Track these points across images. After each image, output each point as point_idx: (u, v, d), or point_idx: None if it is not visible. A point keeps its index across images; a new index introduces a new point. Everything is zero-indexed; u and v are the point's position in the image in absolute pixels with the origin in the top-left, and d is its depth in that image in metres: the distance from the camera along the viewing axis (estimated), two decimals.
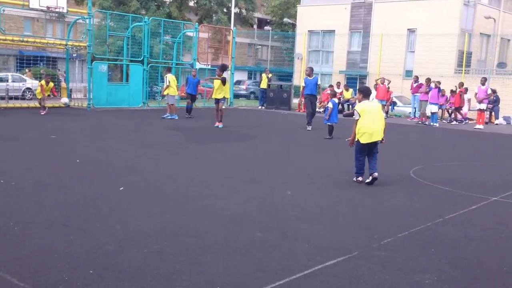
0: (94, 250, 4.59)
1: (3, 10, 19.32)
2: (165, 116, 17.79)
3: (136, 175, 8.04)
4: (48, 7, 18.45)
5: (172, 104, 17.97)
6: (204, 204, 6.39)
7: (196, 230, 5.32)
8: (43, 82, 17.79)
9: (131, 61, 23.20)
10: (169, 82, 17.82)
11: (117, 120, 16.99)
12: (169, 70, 19.18)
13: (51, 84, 18.00)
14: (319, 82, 16.22)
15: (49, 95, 18.28)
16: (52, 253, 4.47)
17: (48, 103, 20.05)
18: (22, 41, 21.28)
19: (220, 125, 15.35)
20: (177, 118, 17.60)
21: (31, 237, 4.90)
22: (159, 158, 9.91)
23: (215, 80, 15.50)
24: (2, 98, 20.92)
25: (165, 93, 18.07)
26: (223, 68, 15.84)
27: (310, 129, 15.46)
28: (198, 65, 24.21)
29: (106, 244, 4.75)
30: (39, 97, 17.63)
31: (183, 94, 27.59)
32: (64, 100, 17.52)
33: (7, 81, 25.25)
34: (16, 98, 21.85)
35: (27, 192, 6.72)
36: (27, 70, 28.80)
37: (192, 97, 18.87)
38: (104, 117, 17.48)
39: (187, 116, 18.27)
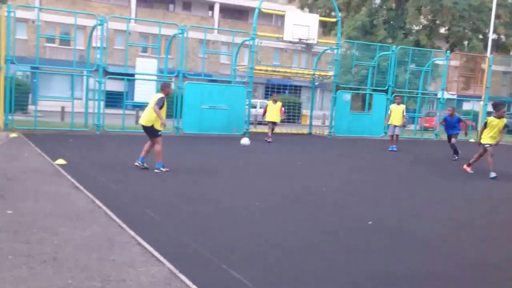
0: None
1: (260, 43, 21.00)
2: (390, 148, 16.49)
3: (382, 207, 7.59)
4: (300, 39, 19.40)
5: (390, 135, 16.65)
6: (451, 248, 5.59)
7: (439, 274, 4.61)
8: (270, 101, 17.75)
9: (374, 90, 22.97)
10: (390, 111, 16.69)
11: (355, 148, 16.84)
12: (399, 98, 17.23)
13: (279, 104, 17.55)
14: None
15: (282, 121, 18.28)
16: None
17: (290, 129, 20.99)
18: (274, 71, 22.82)
19: (493, 174, 11.35)
20: (395, 149, 16.21)
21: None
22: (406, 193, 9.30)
23: (493, 120, 11.56)
24: (251, 123, 22.59)
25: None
26: (500, 106, 11.56)
27: None
28: (445, 95, 22.77)
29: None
30: (268, 119, 17.43)
31: (427, 125, 26.34)
32: (245, 141, 15.45)
33: (256, 107, 27.43)
34: (264, 123, 23.40)
35: (267, 214, 6.82)
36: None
37: (452, 137, 14.95)
38: (345, 145, 17.50)
39: (454, 158, 14.67)
